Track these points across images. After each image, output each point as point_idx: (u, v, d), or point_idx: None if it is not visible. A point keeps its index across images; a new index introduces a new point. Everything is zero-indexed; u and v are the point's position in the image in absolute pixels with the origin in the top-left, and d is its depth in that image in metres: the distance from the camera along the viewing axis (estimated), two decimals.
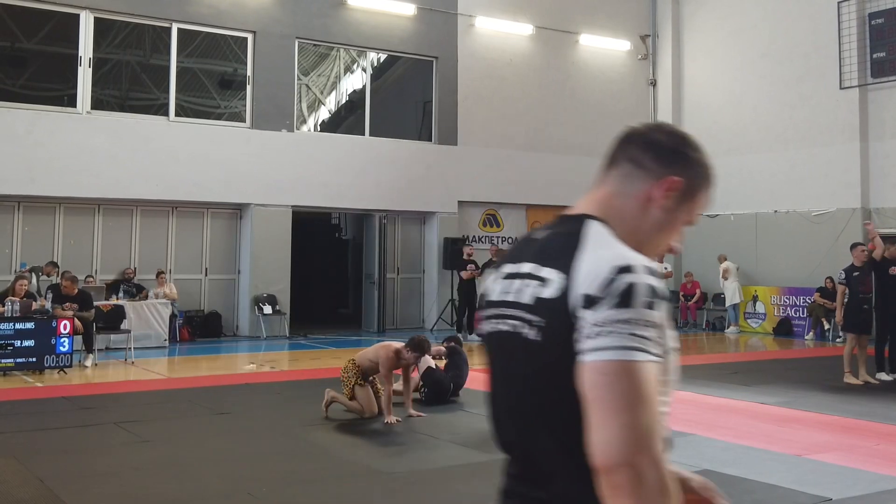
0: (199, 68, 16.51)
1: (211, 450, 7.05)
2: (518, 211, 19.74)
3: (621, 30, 20.97)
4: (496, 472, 5.55)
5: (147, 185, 15.42)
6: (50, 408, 9.03)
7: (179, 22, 16.03)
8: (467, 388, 9.72)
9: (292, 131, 16.95)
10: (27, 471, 6.28)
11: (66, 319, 11.53)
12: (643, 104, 21.37)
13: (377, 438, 7.63)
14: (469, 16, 18.88)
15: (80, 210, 15.42)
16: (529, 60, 19.76)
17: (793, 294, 17.96)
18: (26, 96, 14.93)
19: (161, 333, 14.34)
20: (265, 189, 16.44)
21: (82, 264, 15.05)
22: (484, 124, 19.06)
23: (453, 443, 7.35)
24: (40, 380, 10.95)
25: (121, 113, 15.66)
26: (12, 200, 14.80)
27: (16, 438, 7.39)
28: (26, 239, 14.94)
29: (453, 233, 18.34)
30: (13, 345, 11.07)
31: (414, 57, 18.57)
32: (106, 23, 15.53)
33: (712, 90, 20.43)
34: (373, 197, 17.61)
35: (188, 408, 8.98)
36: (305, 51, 17.46)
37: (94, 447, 7.16)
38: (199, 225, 16.52)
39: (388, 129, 18.23)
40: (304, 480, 6.22)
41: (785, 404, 9.38)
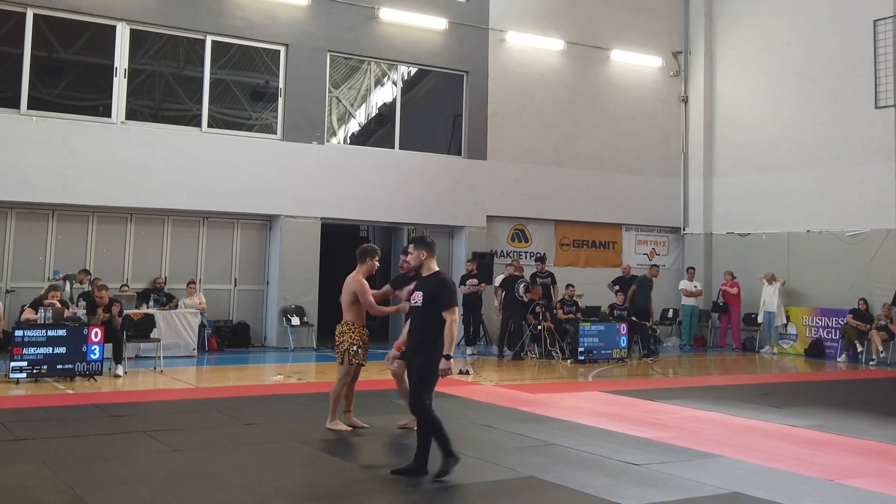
0: (232, 80, 16.68)
1: (239, 460, 7.06)
2: (547, 226, 19.69)
3: (653, 46, 20.91)
4: (521, 490, 5.52)
5: (178, 195, 15.57)
6: (80, 415, 9.10)
7: (213, 34, 16.21)
8: (485, 401, 9.63)
9: (322, 144, 17.05)
10: (57, 477, 6.33)
11: (97, 327, 11.64)
12: (674, 121, 21.27)
13: (404, 451, 7.60)
14: (500, 30, 18.92)
15: (112, 219, 15.60)
16: (560, 76, 19.75)
17: (825, 315, 17.73)
18: (62, 106, 15.14)
19: (190, 343, 14.45)
20: (294, 201, 16.54)
21: (114, 273, 15.21)
22: (513, 139, 19.06)
23: (479, 459, 7.31)
24: (71, 387, 11.05)
25: (154, 123, 15.83)
26: (46, 208, 15.01)
27: (47, 445, 7.45)
28: (60, 247, 15.13)
29: (482, 247, 18.33)
30: (45, 352, 11.19)
31: (444, 71, 18.63)
32: (141, 34, 15.74)
33: (744, 107, 20.29)
34: (401, 210, 17.65)
35: (216, 418, 9.01)
36: (336, 64, 17.58)
37: (124, 455, 7.20)
38: (229, 235, 16.65)
39: (417, 143, 18.29)
40: (331, 494, 6.22)
41: (817, 427, 9.25)
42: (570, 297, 16.57)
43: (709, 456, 7.67)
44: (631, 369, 14.88)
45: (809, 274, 18.50)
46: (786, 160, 19.24)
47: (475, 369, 13.84)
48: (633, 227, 20.85)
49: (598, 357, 15.31)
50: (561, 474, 6.80)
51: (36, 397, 10.35)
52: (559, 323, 16.01)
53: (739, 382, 13.55)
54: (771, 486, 6.65)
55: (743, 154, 20.25)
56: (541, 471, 6.88)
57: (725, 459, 7.56)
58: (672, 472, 6.99)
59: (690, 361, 16.79)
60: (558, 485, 6.49)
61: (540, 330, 15.89)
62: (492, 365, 14.91)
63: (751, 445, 8.24)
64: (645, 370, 14.90)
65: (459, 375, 13.05)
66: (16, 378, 11.05)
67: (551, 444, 7.98)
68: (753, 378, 14.37)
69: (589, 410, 10.00)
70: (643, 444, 8.08)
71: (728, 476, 6.91)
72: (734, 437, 8.66)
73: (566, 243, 19.95)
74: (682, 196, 21.27)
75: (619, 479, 6.73)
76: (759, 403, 10.90)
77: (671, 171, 21.16)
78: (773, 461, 7.53)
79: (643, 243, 20.99)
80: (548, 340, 15.91)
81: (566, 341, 15.80)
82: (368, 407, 9.14)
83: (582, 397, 11.17)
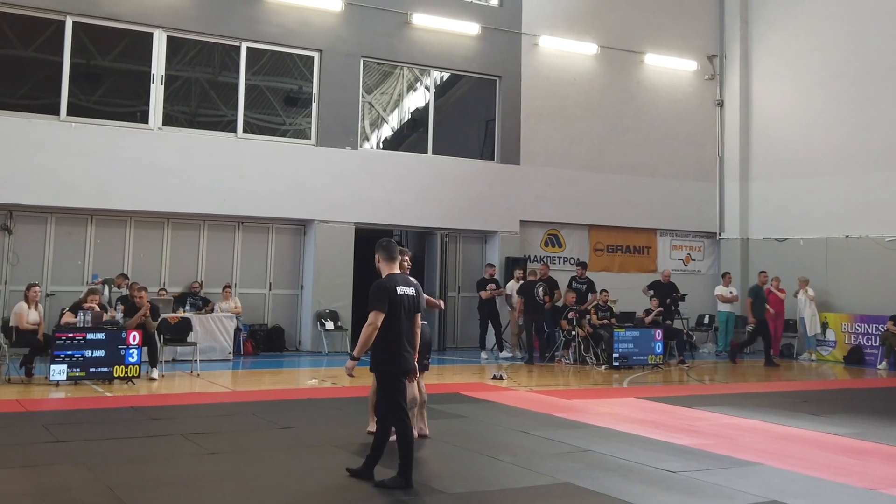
0: (266, 86, 16.81)
1: (275, 464, 7.10)
2: (581, 231, 19.60)
3: (688, 49, 20.76)
4: (557, 496, 5.48)
5: (214, 199, 15.72)
6: (119, 417, 9.22)
7: (249, 41, 16.36)
8: (520, 407, 9.59)
9: (356, 149, 17.13)
10: (97, 479, 6.40)
11: (135, 331, 11.77)
12: (710, 125, 21.09)
13: (438, 457, 7.60)
14: (533, 35, 18.89)
15: (149, 224, 15.78)
16: (593, 80, 19.67)
17: (865, 322, 17.46)
18: (101, 112, 15.36)
19: (226, 346, 14.57)
20: (328, 205, 16.63)
21: (151, 277, 15.38)
22: (546, 143, 19.01)
23: (515, 465, 7.28)
24: (109, 389, 11.19)
25: (190, 129, 16.01)
26: (85, 213, 15.22)
27: (87, 447, 7.55)
28: (98, 251, 15.34)
29: (515, 252, 18.29)
30: (84, 355, 11.35)
31: (477, 76, 18.63)
32: (178, 41, 15.92)
33: (782, 111, 20.06)
34: (435, 215, 17.67)
35: (252, 421, 9.07)
36: (370, 69, 17.65)
37: (162, 457, 7.27)
38: (264, 240, 16.77)
39: (450, 148, 18.30)
40: (365, 498, 6.22)
41: (857, 435, 9.11)
42: (605, 303, 16.47)
43: (747, 464, 7.58)
44: (666, 376, 14.75)
45: (848, 280, 18.23)
46: (824, 164, 18.99)
47: (509, 375, 13.82)
48: (668, 231, 20.69)
49: (633, 363, 15.20)
50: (597, 481, 6.75)
51: (75, 400, 10.49)
52: (594, 328, 15.91)
53: (777, 390, 13.37)
54: (811, 495, 6.57)
55: (780, 158, 20.01)
56: (577, 477, 6.84)
57: (764, 467, 7.46)
58: (710, 479, 6.91)
59: (727, 368, 16.61)
60: (595, 492, 6.45)
61: (574, 336, 15.82)
62: (526, 371, 14.86)
63: (790, 453, 8.13)
64: (681, 377, 14.77)
65: (493, 381, 13.04)
66: (56, 381, 11.21)
67: (587, 450, 7.93)
68: (791, 385, 14.18)
69: (625, 417, 9.93)
70: (680, 452, 8.00)
71: (767, 484, 6.82)
72: (773, 444, 8.55)
73: (600, 248, 19.84)
74: (717, 200, 21.07)
75: (656, 487, 6.67)
76: (797, 411, 10.76)
77: (706, 176, 20.97)
78: (814, 469, 7.43)
79: (678, 248, 20.82)
80: (582, 346, 15.83)
81: (600, 347, 15.71)
82: None
83: (617, 403, 11.09)
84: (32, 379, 11.74)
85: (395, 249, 6.78)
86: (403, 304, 6.47)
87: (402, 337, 6.44)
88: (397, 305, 6.42)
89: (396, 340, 6.42)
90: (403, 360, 6.47)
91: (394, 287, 6.46)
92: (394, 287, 6.46)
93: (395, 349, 6.42)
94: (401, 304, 6.45)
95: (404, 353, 6.47)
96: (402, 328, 6.44)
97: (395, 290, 6.44)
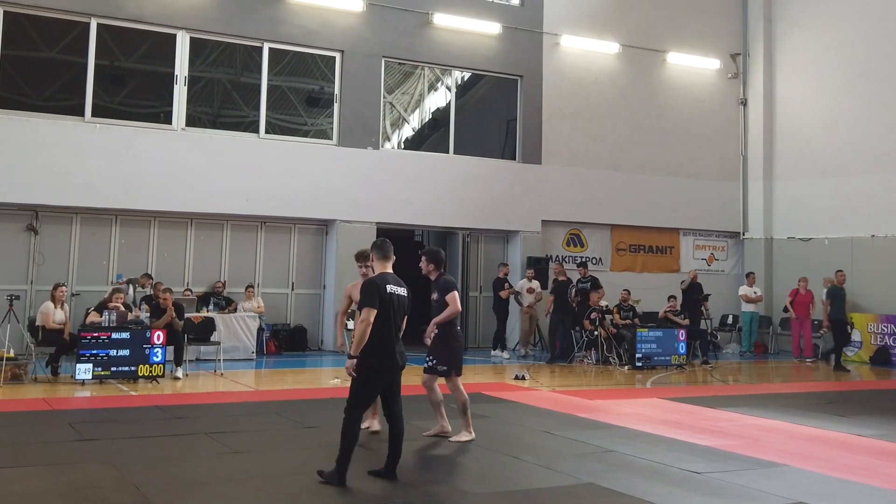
0: (288, 86, 16.88)
1: (299, 463, 7.12)
2: (602, 231, 19.53)
3: (711, 48, 20.63)
4: (581, 497, 5.44)
5: (237, 200, 15.80)
6: (144, 416, 9.28)
7: (271, 41, 16.43)
8: (542, 407, 9.55)
9: (377, 149, 17.16)
10: (123, 478, 6.45)
11: (160, 330, 11.86)
12: (733, 124, 20.94)
13: (461, 457, 7.60)
14: (554, 34, 18.85)
15: (173, 224, 15.90)
16: (615, 79, 19.59)
17: (891, 322, 17.28)
18: (124, 113, 15.49)
19: (249, 346, 14.64)
20: (350, 205, 16.67)
21: (175, 277, 15.49)
22: (568, 143, 18.95)
23: (538, 465, 7.27)
24: (134, 388, 11.28)
25: (213, 130, 16.10)
26: (110, 214, 15.35)
27: (113, 446, 7.61)
28: (122, 251, 15.47)
29: (537, 252, 18.26)
30: (109, 354, 11.45)
31: (498, 75, 18.61)
32: (200, 42, 16.02)
33: (806, 110, 19.89)
34: (456, 215, 17.67)
35: (275, 420, 9.11)
36: (391, 69, 17.68)
37: (187, 456, 7.32)
38: (287, 240, 16.85)
39: (471, 148, 18.29)
40: (392, 496, 6.23)
41: (883, 437, 9.02)
42: (626, 303, 16.40)
43: (773, 465, 7.52)
44: (690, 376, 14.67)
45: (874, 280, 18.03)
46: (849, 163, 18.81)
47: (531, 375, 13.79)
48: (691, 231, 20.57)
49: (656, 363, 15.12)
50: (621, 482, 6.72)
51: (101, 398, 10.58)
52: (616, 328, 15.85)
53: (802, 390, 13.26)
54: (838, 497, 6.51)
55: (804, 157, 19.84)
56: (601, 478, 6.82)
57: (790, 468, 7.40)
58: (735, 480, 6.86)
59: (751, 369, 16.48)
60: (619, 492, 6.42)
61: (596, 336, 15.76)
62: (548, 370, 14.83)
63: (816, 454, 8.06)
64: (704, 377, 14.67)
65: (516, 381, 13.02)
66: (81, 380, 11.32)
67: (611, 450, 7.90)
68: (816, 386, 14.05)
69: (648, 417, 9.88)
70: (705, 452, 7.95)
71: (793, 486, 6.77)
72: (798, 445, 8.48)
73: (622, 248, 19.76)
74: (741, 200, 20.92)
75: (681, 488, 6.63)
76: (823, 412, 10.66)
77: (730, 175, 20.83)
78: (840, 471, 7.36)
79: (701, 248, 20.69)
80: (604, 346, 15.78)
81: (623, 347, 15.64)
82: (419, 412, 9.12)
83: (640, 404, 11.04)
84: (58, 378, 11.86)
85: (388, 249, 6.88)
86: (393, 303, 6.57)
87: (390, 333, 6.54)
88: (387, 303, 6.53)
89: (384, 337, 6.51)
90: (388, 357, 6.52)
91: (384, 285, 6.57)
92: (384, 285, 6.57)
93: (382, 345, 6.50)
94: (390, 302, 6.56)
95: (391, 349, 6.52)
96: (392, 325, 6.55)
97: (384, 288, 6.55)
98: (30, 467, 6.76)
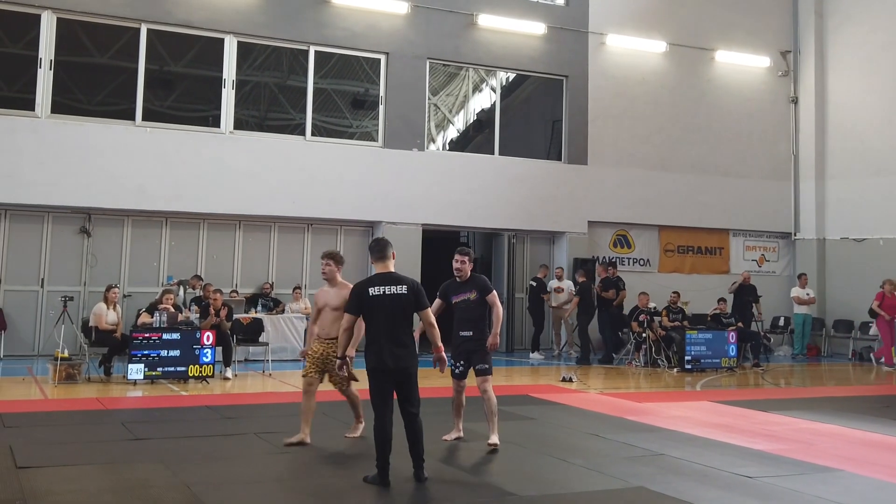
0: (334, 89, 16.98)
1: (347, 463, 7.14)
2: (650, 232, 19.31)
3: (760, 45, 20.29)
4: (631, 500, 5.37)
5: (284, 202, 15.94)
6: (194, 416, 9.39)
7: (316, 45, 16.54)
8: (590, 409, 9.46)
9: (423, 150, 17.18)
10: (174, 476, 6.53)
11: (209, 331, 12.00)
12: (784, 123, 20.57)
13: (508, 459, 7.55)
14: (600, 34, 18.69)
15: (221, 226, 16.08)
16: (662, 78, 19.37)
17: None
18: (174, 117, 15.71)
19: (297, 347, 14.72)
20: (396, 207, 16.71)
21: (223, 278, 15.66)
22: (615, 143, 18.78)
23: (586, 468, 7.20)
24: (184, 388, 11.42)
25: (260, 132, 16.26)
26: (160, 216, 15.59)
27: (164, 445, 7.71)
28: (172, 253, 15.69)
29: (583, 253, 18.12)
30: (160, 354, 11.61)
31: (544, 76, 18.51)
32: (248, 46, 16.20)
33: (859, 108, 19.45)
34: (502, 216, 17.61)
35: (323, 420, 9.13)
36: (435, 70, 17.69)
37: (237, 456, 7.38)
38: (333, 242, 16.92)
39: (517, 149, 18.21)
40: (439, 499, 6.21)
41: None
42: (675, 304, 16.19)
43: (828, 470, 7.35)
44: (741, 379, 14.43)
45: None
46: None
47: (579, 376, 13.69)
48: (741, 232, 20.24)
49: (706, 366, 14.90)
50: (671, 485, 6.62)
51: (152, 398, 10.74)
52: (665, 331, 15.66)
53: (858, 394, 12.96)
54: None
55: (857, 156, 19.42)
56: (650, 482, 6.72)
57: (846, 474, 7.22)
58: (789, 486, 6.72)
59: (804, 371, 16.17)
60: (669, 496, 6.32)
61: (644, 338, 15.60)
62: (595, 373, 14.70)
63: (872, 460, 7.87)
64: (756, 380, 14.42)
65: (563, 383, 12.93)
66: (133, 380, 11.50)
67: (660, 454, 7.79)
68: (873, 389, 13.71)
69: (698, 420, 9.73)
70: (757, 457, 7.80)
71: (849, 492, 6.61)
72: (854, 450, 8.28)
73: (671, 249, 19.52)
74: (792, 200, 20.53)
75: (732, 492, 6.51)
76: (880, 416, 10.40)
77: (781, 175, 20.46)
78: None
79: (752, 249, 20.35)
80: (653, 349, 15.60)
81: (672, 350, 15.45)
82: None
83: (690, 407, 10.88)
84: (111, 378, 12.06)
85: (383, 248, 6.86)
86: (381, 303, 6.51)
87: (380, 336, 6.50)
88: (372, 306, 6.52)
89: (375, 339, 6.52)
90: (380, 359, 6.48)
91: (366, 289, 6.58)
92: (366, 289, 6.58)
93: (375, 347, 6.50)
94: (376, 303, 6.51)
95: (384, 350, 6.48)
96: (382, 327, 6.50)
97: (366, 292, 6.55)
98: (84, 466, 6.88)
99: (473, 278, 8.04)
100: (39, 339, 14.70)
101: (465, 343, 7.93)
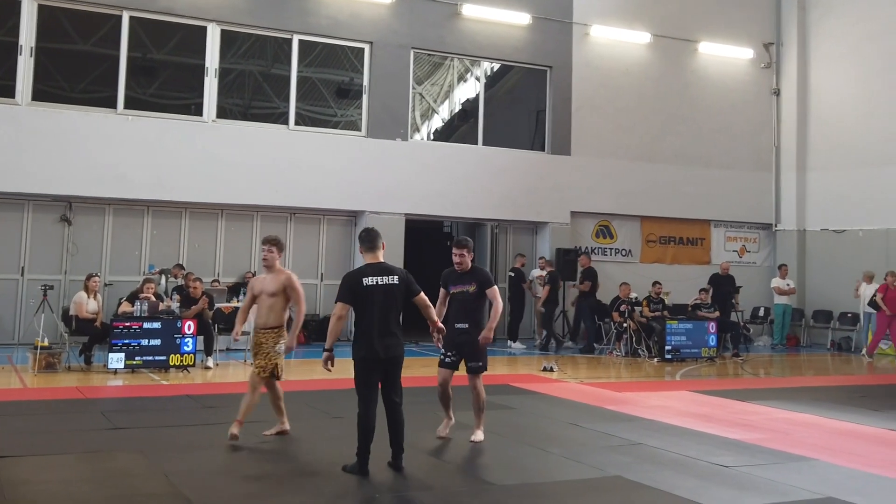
0: (317, 78, 16.93)
1: (328, 453, 7.16)
2: (632, 222, 19.40)
3: (743, 37, 20.38)
4: (607, 489, 5.43)
5: (267, 191, 15.91)
6: (175, 405, 9.39)
7: (300, 33, 16.49)
8: (570, 399, 9.50)
9: (406, 140, 17.17)
10: (154, 466, 6.54)
11: (190, 320, 11.98)
12: (766, 115, 20.68)
13: (488, 448, 7.59)
14: (584, 24, 18.72)
15: (204, 215, 16.04)
16: (646, 69, 19.42)
17: None
18: (156, 105, 15.64)
19: None
20: (379, 196, 16.71)
21: (205, 267, 15.63)
22: (598, 134, 18.84)
23: (564, 457, 7.25)
24: (165, 378, 11.41)
25: (244, 121, 16.21)
26: (142, 205, 15.52)
27: (144, 434, 7.72)
28: (154, 242, 15.64)
29: (566, 243, 18.19)
30: (141, 343, 11.59)
31: (528, 66, 18.53)
32: (231, 34, 16.12)
33: (841, 100, 19.58)
34: (485, 206, 17.64)
35: (305, 410, 9.16)
36: (420, 60, 17.67)
37: (217, 445, 7.38)
38: (316, 231, 16.93)
39: (500, 139, 18.24)
40: (419, 487, 6.25)
41: None
42: (657, 295, 16.29)
43: (803, 459, 7.44)
44: (720, 369, 14.55)
45: None
46: (885, 154, 18.50)
47: (559, 366, 13.76)
48: (723, 223, 20.38)
49: (686, 356, 15.01)
50: (648, 475, 6.69)
51: (133, 387, 10.72)
52: (646, 320, 15.76)
53: (834, 384, 13.10)
54: (869, 492, 6.42)
55: (839, 148, 19.56)
56: (627, 471, 6.79)
57: (820, 463, 7.32)
58: (764, 475, 6.80)
59: (782, 361, 16.31)
60: (646, 485, 6.38)
61: (625, 328, 15.69)
62: (576, 362, 14.78)
63: (847, 449, 7.97)
64: (735, 370, 14.55)
65: (543, 372, 12.99)
66: (114, 369, 11.47)
67: (638, 443, 7.86)
68: (849, 379, 13.87)
69: (677, 410, 9.82)
70: (733, 446, 7.88)
71: (823, 481, 6.69)
72: (829, 440, 8.38)
73: (652, 240, 19.62)
74: (773, 191, 20.67)
75: (709, 481, 6.58)
76: (855, 406, 10.52)
77: (762, 166, 20.59)
78: (872, 466, 7.27)
79: (733, 240, 20.49)
80: (633, 338, 15.70)
81: (652, 339, 15.55)
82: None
83: (669, 397, 10.98)
84: (91, 367, 12.03)
85: (373, 239, 6.84)
86: (374, 293, 6.53)
87: (372, 326, 6.51)
88: (364, 296, 6.52)
89: (366, 329, 6.53)
90: (367, 349, 6.50)
91: (359, 278, 6.58)
92: (359, 278, 6.58)
93: (365, 337, 6.52)
94: (369, 293, 6.52)
95: (370, 341, 6.50)
96: (373, 317, 6.50)
97: (359, 282, 6.55)
98: (62, 455, 6.88)
99: (475, 270, 7.84)
100: (19, 328, 14.64)
101: (460, 335, 7.73)
